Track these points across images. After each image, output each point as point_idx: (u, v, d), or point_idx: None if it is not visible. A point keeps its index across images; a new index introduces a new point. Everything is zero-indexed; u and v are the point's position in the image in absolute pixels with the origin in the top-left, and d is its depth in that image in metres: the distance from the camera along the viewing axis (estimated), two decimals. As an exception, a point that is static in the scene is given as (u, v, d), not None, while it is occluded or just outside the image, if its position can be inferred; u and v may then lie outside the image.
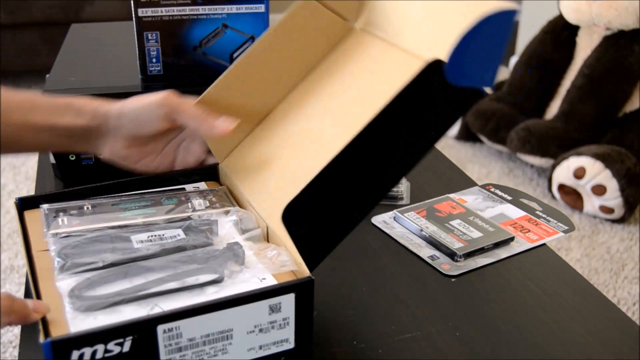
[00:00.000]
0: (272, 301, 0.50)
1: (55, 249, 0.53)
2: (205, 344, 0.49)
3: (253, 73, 0.67)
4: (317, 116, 0.66)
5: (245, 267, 0.54)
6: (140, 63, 0.89)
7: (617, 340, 0.58)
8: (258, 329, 0.51)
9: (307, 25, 0.68)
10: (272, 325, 0.51)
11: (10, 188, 1.98)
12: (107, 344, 0.44)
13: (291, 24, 0.67)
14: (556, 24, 2.16)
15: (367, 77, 0.65)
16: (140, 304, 0.49)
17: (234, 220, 0.60)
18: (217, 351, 0.50)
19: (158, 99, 0.63)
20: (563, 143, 1.96)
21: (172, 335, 0.47)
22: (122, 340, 0.45)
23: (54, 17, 2.53)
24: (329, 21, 0.69)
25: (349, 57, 0.69)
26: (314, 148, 0.62)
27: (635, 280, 1.61)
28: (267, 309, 0.50)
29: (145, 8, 0.85)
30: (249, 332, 0.50)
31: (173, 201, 0.62)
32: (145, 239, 0.56)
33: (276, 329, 0.52)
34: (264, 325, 0.51)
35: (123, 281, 0.51)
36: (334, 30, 0.70)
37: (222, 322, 0.49)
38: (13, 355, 1.34)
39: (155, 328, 0.46)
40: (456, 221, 0.75)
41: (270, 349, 0.52)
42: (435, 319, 0.61)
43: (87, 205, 0.60)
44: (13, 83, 2.83)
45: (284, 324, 0.52)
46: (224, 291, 0.51)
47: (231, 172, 0.66)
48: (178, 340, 0.48)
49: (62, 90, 0.84)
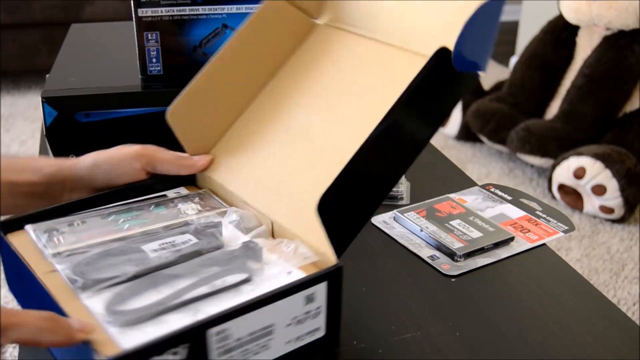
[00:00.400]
0: (308, 292, 0.52)
1: (65, 268, 0.52)
2: (251, 342, 0.50)
3: (225, 74, 0.68)
4: (303, 111, 0.67)
5: (265, 263, 0.55)
6: (140, 63, 0.89)
7: (617, 340, 0.58)
8: (296, 321, 0.52)
9: (274, 23, 0.70)
10: (307, 315, 0.53)
11: (10, 188, 1.98)
12: (163, 354, 0.45)
13: (259, 22, 0.69)
14: (556, 24, 2.16)
15: (350, 72, 0.67)
16: (182, 311, 0.49)
17: (235, 220, 0.60)
18: (260, 347, 0.51)
19: (133, 152, 0.64)
20: (563, 143, 1.96)
21: (223, 337, 0.48)
22: (177, 349, 0.45)
23: (54, 17, 2.53)
24: (295, 18, 0.71)
25: (320, 52, 0.70)
26: (311, 142, 0.63)
27: (635, 280, 1.61)
28: (303, 300, 0.52)
29: (145, 8, 0.85)
30: (287, 325, 0.52)
31: (162, 208, 0.62)
32: (158, 247, 0.55)
33: (310, 319, 0.53)
34: (300, 316, 0.52)
35: (152, 291, 0.50)
36: (299, 26, 0.72)
37: (265, 318, 0.50)
38: (13, 355, 1.34)
39: (207, 332, 0.47)
40: (456, 221, 0.75)
41: (304, 339, 0.54)
42: (435, 319, 0.61)
43: (77, 222, 0.58)
44: (13, 83, 2.83)
45: (317, 313, 0.54)
46: (259, 288, 0.52)
47: (213, 174, 0.67)
48: (228, 341, 0.48)
49: (62, 90, 0.84)
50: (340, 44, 0.69)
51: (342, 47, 0.69)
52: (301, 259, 0.54)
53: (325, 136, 0.64)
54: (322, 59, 0.70)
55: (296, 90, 0.69)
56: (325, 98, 0.66)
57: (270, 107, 0.69)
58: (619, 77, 1.97)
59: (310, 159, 0.63)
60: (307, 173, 0.62)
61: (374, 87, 0.64)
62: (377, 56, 0.66)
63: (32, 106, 2.59)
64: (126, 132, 0.85)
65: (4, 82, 2.85)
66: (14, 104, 2.62)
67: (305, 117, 0.66)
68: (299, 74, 0.70)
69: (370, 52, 0.67)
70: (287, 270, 0.54)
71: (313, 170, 0.61)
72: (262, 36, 0.69)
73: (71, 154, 0.84)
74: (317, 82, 0.68)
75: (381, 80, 0.64)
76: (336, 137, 0.63)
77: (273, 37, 0.70)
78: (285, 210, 0.60)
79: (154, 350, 0.44)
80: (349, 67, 0.67)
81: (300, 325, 0.53)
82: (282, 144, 0.65)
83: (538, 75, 2.16)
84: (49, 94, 0.83)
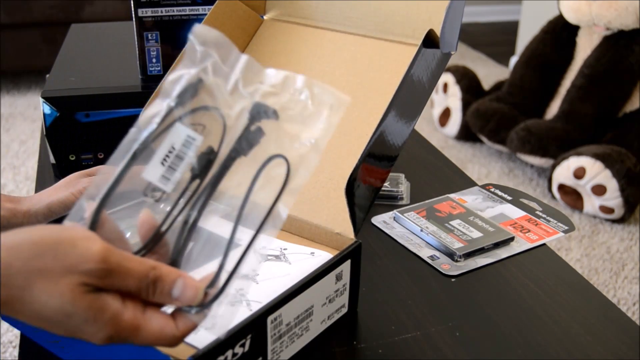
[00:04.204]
0: (337, 270, 0.55)
1: None
2: (296, 325, 0.52)
3: None
4: None
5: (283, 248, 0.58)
6: (140, 63, 0.89)
7: (617, 340, 0.58)
8: (328, 300, 0.55)
9: (228, 20, 0.73)
10: (337, 293, 0.56)
11: (10, 188, 1.98)
12: (234, 347, 0.46)
13: (214, 21, 0.72)
14: (556, 24, 2.16)
15: (325, 62, 0.71)
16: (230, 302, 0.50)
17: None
18: (303, 330, 0.53)
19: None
20: (563, 143, 1.96)
21: (276, 324, 0.50)
22: (244, 340, 0.47)
23: (54, 17, 2.53)
24: (245, 15, 0.75)
25: (276, 45, 0.74)
26: None
27: (635, 280, 1.61)
28: (334, 279, 0.55)
29: (145, 8, 0.86)
30: (322, 304, 0.54)
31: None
32: None
33: (338, 296, 0.56)
34: (332, 295, 0.55)
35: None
36: (249, 23, 0.76)
37: (307, 301, 0.52)
38: (13, 355, 1.34)
39: (266, 320, 0.48)
40: (456, 221, 0.75)
41: (333, 317, 0.57)
42: (435, 319, 0.61)
43: None
44: (13, 83, 2.83)
45: (343, 290, 0.57)
46: (294, 272, 0.55)
47: None
48: (280, 327, 0.50)
49: (62, 90, 0.84)
50: (303, 38, 0.73)
51: (309, 41, 0.73)
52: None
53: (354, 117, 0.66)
54: (279, 52, 0.74)
55: None
56: None
57: None
58: (619, 77, 1.97)
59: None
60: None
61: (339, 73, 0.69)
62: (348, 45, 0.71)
63: (32, 106, 2.59)
64: (126, 132, 0.85)
65: (4, 82, 2.85)
66: (14, 104, 2.62)
67: None
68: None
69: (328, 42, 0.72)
70: (309, 252, 0.58)
71: None
72: None
73: (71, 154, 0.85)
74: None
75: (349, 66, 0.69)
76: None
77: (228, 34, 0.73)
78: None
79: (226, 345, 0.45)
80: (332, 59, 0.71)
81: (331, 305, 0.56)
82: None
83: (538, 75, 2.16)
84: (49, 94, 0.83)
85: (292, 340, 0.52)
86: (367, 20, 0.69)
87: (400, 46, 0.67)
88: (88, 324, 0.37)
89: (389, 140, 0.60)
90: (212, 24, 0.71)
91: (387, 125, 0.58)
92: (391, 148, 0.61)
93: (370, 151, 0.57)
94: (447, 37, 0.64)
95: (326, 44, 0.71)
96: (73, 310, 0.37)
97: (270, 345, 0.50)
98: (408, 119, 0.62)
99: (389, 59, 0.67)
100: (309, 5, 0.73)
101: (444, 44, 0.63)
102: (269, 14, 0.77)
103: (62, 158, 0.84)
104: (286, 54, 0.73)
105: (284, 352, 0.52)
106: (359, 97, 0.66)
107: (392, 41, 0.68)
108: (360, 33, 0.70)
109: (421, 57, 0.60)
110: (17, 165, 2.12)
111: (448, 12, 0.62)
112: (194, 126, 0.42)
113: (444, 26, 0.62)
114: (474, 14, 4.08)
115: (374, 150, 0.58)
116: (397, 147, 0.62)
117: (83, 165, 0.83)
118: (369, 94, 0.66)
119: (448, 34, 0.63)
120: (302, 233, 0.62)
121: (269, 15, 0.77)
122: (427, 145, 1.01)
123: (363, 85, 0.67)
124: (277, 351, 0.51)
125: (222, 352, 0.45)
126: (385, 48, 0.68)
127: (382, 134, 0.58)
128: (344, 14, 0.71)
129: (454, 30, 0.64)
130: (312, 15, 0.73)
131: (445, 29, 0.63)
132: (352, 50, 0.69)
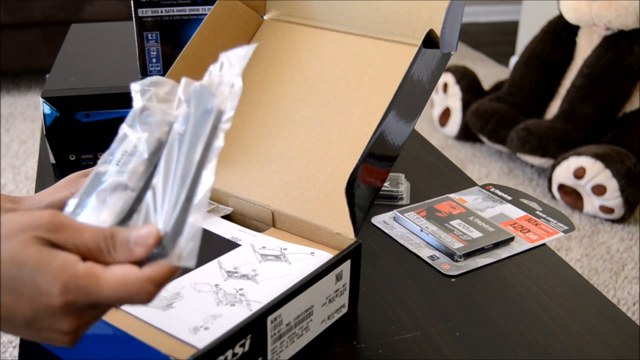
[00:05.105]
0: (337, 270, 0.55)
1: None
2: (296, 325, 0.52)
3: (189, 74, 0.70)
4: (282, 102, 0.70)
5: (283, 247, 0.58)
6: (140, 63, 0.89)
7: (617, 340, 0.58)
8: (328, 300, 0.55)
9: (228, 20, 0.73)
10: (337, 293, 0.56)
11: (10, 188, 1.98)
12: (234, 347, 0.46)
13: (214, 20, 0.72)
14: (556, 24, 2.16)
15: (325, 62, 0.71)
16: (230, 302, 0.51)
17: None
18: (303, 330, 0.53)
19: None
20: (563, 143, 1.96)
21: (276, 324, 0.50)
22: (244, 340, 0.47)
23: (54, 17, 2.53)
24: (245, 15, 0.75)
25: (276, 45, 0.74)
26: (301, 130, 0.67)
27: (635, 280, 1.61)
28: (334, 279, 0.55)
29: (145, 8, 0.86)
30: (322, 304, 0.54)
31: None
32: None
33: (338, 296, 0.56)
34: (331, 295, 0.55)
35: None
36: (249, 23, 0.76)
37: (307, 301, 0.52)
38: (13, 355, 1.34)
39: (266, 320, 0.49)
40: (456, 221, 0.75)
41: (333, 317, 0.57)
42: (435, 319, 0.61)
43: None
44: (13, 83, 2.83)
45: (343, 290, 0.57)
46: (294, 271, 0.55)
47: None
48: (280, 327, 0.50)
49: (62, 90, 0.84)
50: (302, 38, 0.74)
51: (294, 39, 0.74)
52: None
53: (309, 120, 0.67)
54: (279, 52, 0.74)
55: (273, 82, 0.72)
56: (320, 90, 0.69)
57: (246, 101, 0.72)
58: (619, 77, 1.97)
59: (295, 148, 0.66)
60: (299, 162, 0.65)
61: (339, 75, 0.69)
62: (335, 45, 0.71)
63: (32, 106, 2.59)
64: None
65: (4, 82, 2.85)
66: (14, 104, 2.62)
67: (290, 107, 0.69)
68: (267, 68, 0.73)
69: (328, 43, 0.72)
70: (309, 252, 0.58)
71: (303, 159, 0.65)
72: (217, 34, 0.72)
73: (71, 153, 0.85)
74: (306, 75, 0.71)
75: (348, 67, 0.69)
76: (319, 121, 0.66)
77: (226, 34, 0.74)
78: (285, 199, 0.63)
79: (226, 345, 0.45)
80: (332, 59, 0.71)
81: (331, 304, 0.56)
82: (265, 135, 0.68)
83: (538, 75, 2.16)
84: (49, 94, 0.83)
85: (292, 340, 0.52)
86: (367, 20, 0.69)
87: (400, 46, 0.67)
88: (40, 273, 0.36)
89: (389, 140, 0.60)
90: (212, 24, 0.71)
91: (387, 125, 0.58)
92: (391, 148, 0.61)
93: (370, 151, 0.57)
94: (447, 37, 0.64)
95: (326, 44, 0.71)
96: (23, 257, 0.36)
97: (270, 345, 0.50)
98: (408, 119, 0.62)
99: (389, 59, 0.67)
100: (309, 5, 0.73)
101: (444, 44, 0.63)
102: (269, 14, 0.77)
103: (62, 158, 0.84)
104: (286, 54, 0.73)
105: (284, 352, 0.52)
106: (359, 97, 0.66)
107: (392, 41, 0.68)
108: (360, 33, 0.70)
109: (421, 57, 0.60)
110: (17, 165, 2.12)
111: (448, 12, 0.62)
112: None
113: (444, 26, 0.62)
114: (474, 14, 4.09)
115: (374, 150, 0.58)
116: (397, 147, 0.62)
117: (83, 165, 0.83)
118: (369, 94, 0.66)
119: (448, 34, 0.63)
120: (302, 233, 0.62)
121: (269, 15, 0.77)
122: (427, 145, 1.01)
123: (363, 85, 0.67)
124: (277, 351, 0.51)
125: (222, 352, 0.45)
126: (385, 48, 0.68)
127: (382, 134, 0.58)
128: (344, 14, 0.71)
129: (454, 30, 0.65)
130: (312, 15, 0.73)
131: (445, 29, 0.63)
132: (352, 50, 0.69)
